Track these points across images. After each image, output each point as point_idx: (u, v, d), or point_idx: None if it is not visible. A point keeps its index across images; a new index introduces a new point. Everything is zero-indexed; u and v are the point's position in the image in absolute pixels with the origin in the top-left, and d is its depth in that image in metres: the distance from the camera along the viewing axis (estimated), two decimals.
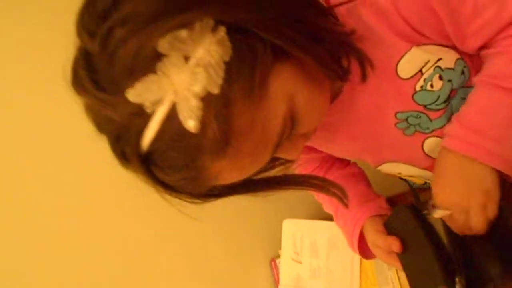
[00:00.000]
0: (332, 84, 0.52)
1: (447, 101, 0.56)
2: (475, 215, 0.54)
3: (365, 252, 0.74)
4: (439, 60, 0.53)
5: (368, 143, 0.64)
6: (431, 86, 0.54)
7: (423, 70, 0.53)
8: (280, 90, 0.41)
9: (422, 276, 0.58)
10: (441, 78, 0.54)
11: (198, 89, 0.35)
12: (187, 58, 0.35)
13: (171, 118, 0.36)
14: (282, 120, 0.42)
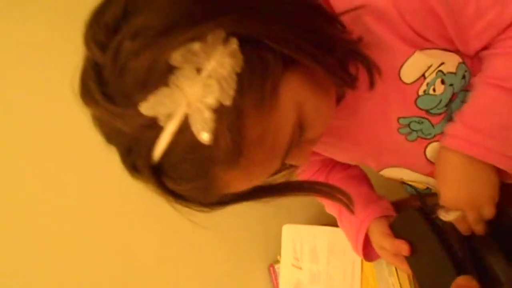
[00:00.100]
0: (337, 89, 0.53)
1: (448, 104, 0.57)
2: (488, 207, 0.55)
3: (368, 254, 0.74)
4: (442, 64, 0.54)
5: (371, 148, 0.65)
6: (434, 90, 0.55)
7: (426, 74, 0.54)
8: (289, 99, 0.41)
9: (433, 278, 0.59)
10: (443, 82, 0.55)
11: (211, 101, 0.35)
12: (199, 70, 0.35)
13: (184, 130, 0.35)
14: (291, 128, 0.42)
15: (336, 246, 0.94)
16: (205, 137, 0.35)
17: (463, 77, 0.56)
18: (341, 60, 0.45)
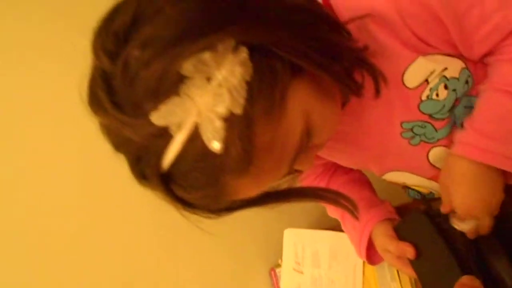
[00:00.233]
0: (342, 95, 0.53)
1: (451, 110, 0.57)
2: (497, 210, 0.56)
3: (371, 256, 0.74)
4: (445, 69, 0.54)
5: (374, 152, 0.65)
6: (437, 95, 0.55)
7: (429, 79, 0.54)
8: (297, 106, 0.42)
9: (438, 280, 0.59)
10: (446, 87, 0.55)
11: (221, 110, 0.35)
12: (210, 79, 0.35)
13: (194, 139, 0.35)
14: (299, 135, 0.42)
15: (337, 251, 0.94)
16: (216, 146, 0.35)
17: (466, 82, 0.56)
18: (347, 68, 0.46)
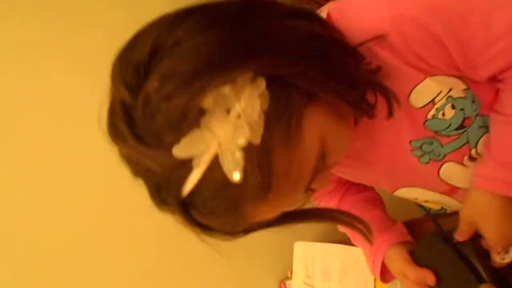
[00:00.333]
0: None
1: (460, 128, 0.57)
2: None
3: (383, 274, 0.74)
4: (450, 90, 0.54)
5: (385, 168, 0.65)
6: (443, 114, 0.56)
7: (436, 100, 0.54)
8: (313, 131, 0.42)
9: None
10: (453, 107, 0.55)
11: (241, 141, 0.35)
12: (229, 111, 0.35)
13: (213, 168, 0.36)
14: (315, 158, 0.43)
15: (348, 265, 0.94)
16: (236, 176, 0.35)
17: (473, 101, 0.56)
18: (362, 92, 0.46)
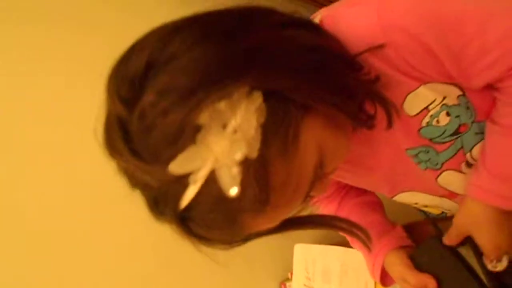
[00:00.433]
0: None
1: (455, 134, 0.57)
2: None
3: (383, 278, 0.74)
4: (445, 98, 0.54)
5: (384, 174, 0.65)
6: (437, 121, 0.55)
7: (430, 107, 0.54)
8: (310, 142, 0.42)
9: None
10: (448, 114, 0.55)
11: (238, 157, 0.35)
12: (225, 126, 0.35)
13: (210, 183, 0.35)
14: (313, 168, 0.43)
15: (348, 266, 0.94)
16: (233, 192, 0.35)
17: (467, 108, 0.56)
18: (360, 103, 0.46)
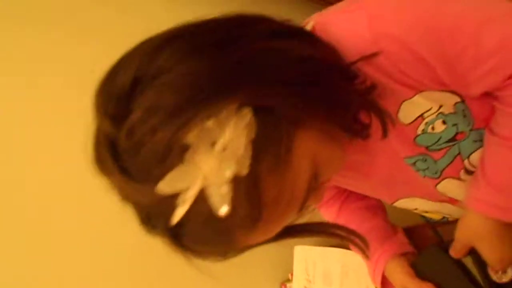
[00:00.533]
0: None
1: (451, 141, 0.57)
2: None
3: (384, 284, 0.73)
4: (441, 106, 0.53)
5: (383, 180, 0.64)
6: (432, 128, 0.55)
7: (425, 115, 0.54)
8: (304, 155, 0.41)
9: None
10: (444, 122, 0.55)
11: (228, 175, 0.34)
12: (214, 144, 0.34)
13: (201, 201, 0.35)
14: (307, 181, 0.42)
15: (349, 268, 0.94)
16: (223, 211, 0.34)
17: (464, 115, 0.55)
18: (354, 113, 0.46)
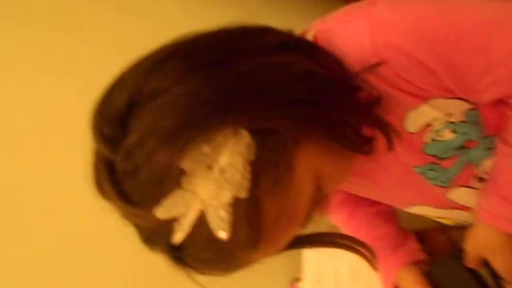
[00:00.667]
0: None
1: (460, 149, 0.55)
2: None
3: None
4: (450, 115, 0.52)
5: (391, 188, 0.63)
6: (441, 136, 0.54)
7: (433, 124, 0.52)
8: (306, 172, 0.40)
9: None
10: (454, 131, 0.53)
11: (226, 199, 0.34)
12: (211, 167, 0.34)
13: (200, 224, 0.35)
14: (310, 196, 0.41)
15: (360, 271, 0.92)
16: (222, 235, 0.34)
17: (475, 123, 0.54)
18: (358, 129, 0.45)
